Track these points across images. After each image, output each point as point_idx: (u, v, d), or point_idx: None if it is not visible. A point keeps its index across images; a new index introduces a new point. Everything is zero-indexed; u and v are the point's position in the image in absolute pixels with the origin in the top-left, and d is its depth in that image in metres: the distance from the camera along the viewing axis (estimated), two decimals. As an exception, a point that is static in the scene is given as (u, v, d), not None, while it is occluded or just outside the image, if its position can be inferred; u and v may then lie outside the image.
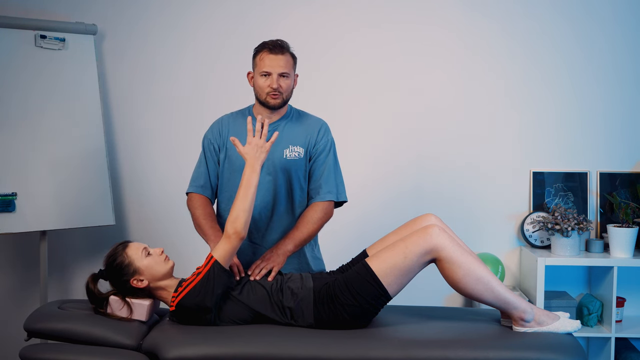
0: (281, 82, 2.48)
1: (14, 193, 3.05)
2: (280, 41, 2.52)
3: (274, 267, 2.41)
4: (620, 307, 3.32)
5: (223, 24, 3.52)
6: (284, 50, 2.49)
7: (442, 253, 2.18)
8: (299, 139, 2.58)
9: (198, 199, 2.60)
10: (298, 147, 2.57)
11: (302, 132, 2.59)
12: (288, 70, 2.49)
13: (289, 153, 2.55)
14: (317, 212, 2.55)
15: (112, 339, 2.18)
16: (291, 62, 2.51)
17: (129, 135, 3.54)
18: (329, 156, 2.60)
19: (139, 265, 2.28)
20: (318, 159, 2.58)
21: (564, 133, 3.53)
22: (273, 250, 2.47)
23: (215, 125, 2.65)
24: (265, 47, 2.50)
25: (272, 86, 2.47)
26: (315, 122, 2.63)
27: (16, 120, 3.11)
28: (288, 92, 2.53)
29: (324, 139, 2.60)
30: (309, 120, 2.64)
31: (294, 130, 2.58)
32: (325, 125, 2.64)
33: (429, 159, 3.54)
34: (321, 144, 2.59)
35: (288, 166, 2.55)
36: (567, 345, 2.14)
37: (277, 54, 2.47)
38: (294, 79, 2.55)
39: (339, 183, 2.61)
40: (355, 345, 2.13)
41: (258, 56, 2.51)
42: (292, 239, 2.50)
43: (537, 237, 3.44)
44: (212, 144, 2.62)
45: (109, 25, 3.50)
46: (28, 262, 3.50)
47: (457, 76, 3.53)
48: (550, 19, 3.50)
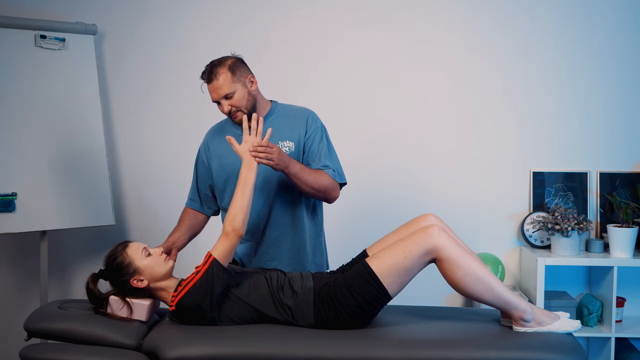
0: (230, 102, 2.47)
1: (14, 193, 3.05)
2: (212, 64, 2.49)
3: (268, 156, 2.34)
4: (620, 307, 3.32)
5: (223, 24, 3.52)
6: (216, 75, 2.45)
7: (442, 253, 2.18)
8: (288, 133, 2.57)
9: (184, 212, 2.72)
10: (288, 142, 2.56)
11: (289, 126, 2.58)
12: (228, 89, 2.45)
13: None
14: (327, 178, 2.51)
15: (112, 339, 2.18)
16: (229, 78, 2.45)
17: (129, 135, 3.54)
18: (322, 142, 2.59)
19: (138, 265, 2.28)
20: (312, 147, 2.57)
21: (564, 133, 3.53)
22: (281, 152, 2.40)
23: (205, 138, 2.70)
24: (202, 76, 2.50)
25: (224, 111, 2.49)
26: (301, 113, 2.62)
27: (16, 120, 3.11)
28: (244, 102, 2.49)
29: (313, 127, 2.59)
30: (294, 113, 2.63)
31: (281, 126, 2.58)
32: (312, 114, 2.62)
33: (429, 159, 3.54)
34: (311, 133, 2.58)
35: None
36: (567, 345, 2.13)
37: (212, 82, 2.46)
38: (243, 85, 2.49)
39: (336, 165, 2.60)
40: (355, 345, 2.13)
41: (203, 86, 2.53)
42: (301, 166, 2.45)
43: (537, 237, 3.44)
44: (201, 157, 2.67)
45: (109, 25, 3.50)
46: (28, 262, 3.50)
47: (457, 76, 3.53)
48: (550, 19, 3.50)
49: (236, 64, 2.50)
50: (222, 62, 2.48)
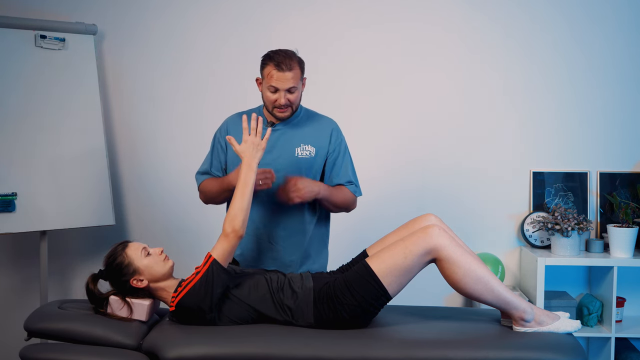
0: (289, 96, 2.48)
1: (14, 193, 3.05)
2: (287, 54, 2.46)
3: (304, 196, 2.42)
4: (620, 307, 3.32)
5: (223, 24, 3.52)
6: (292, 66, 2.43)
7: (442, 253, 2.18)
8: (311, 138, 2.59)
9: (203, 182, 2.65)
10: (309, 147, 2.58)
11: (313, 132, 2.61)
12: (295, 83, 2.46)
13: (300, 151, 2.57)
14: (350, 195, 2.61)
15: (112, 339, 2.18)
16: (299, 74, 2.47)
17: (129, 135, 3.54)
18: (345, 157, 2.64)
19: (138, 265, 2.28)
20: (336, 162, 2.62)
21: (564, 133, 3.53)
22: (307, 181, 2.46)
23: (224, 124, 2.67)
24: (272, 61, 2.44)
25: (279, 102, 2.47)
26: (327, 123, 2.65)
27: (16, 120, 3.11)
28: (297, 102, 2.52)
29: (337, 141, 2.63)
30: (320, 121, 2.65)
31: (305, 130, 2.60)
32: (337, 127, 2.66)
33: (429, 159, 3.54)
34: (336, 147, 2.62)
35: (299, 164, 2.56)
36: (567, 345, 2.14)
37: (285, 71, 2.43)
38: (301, 85, 2.53)
39: (357, 180, 2.67)
40: (355, 345, 2.13)
41: (266, 69, 2.46)
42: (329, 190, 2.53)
43: (537, 237, 3.44)
44: (220, 142, 2.64)
45: (109, 25, 3.50)
46: (28, 262, 3.50)
47: (457, 76, 3.53)
48: (550, 19, 3.50)
49: (303, 63, 2.51)
50: (295, 56, 2.48)
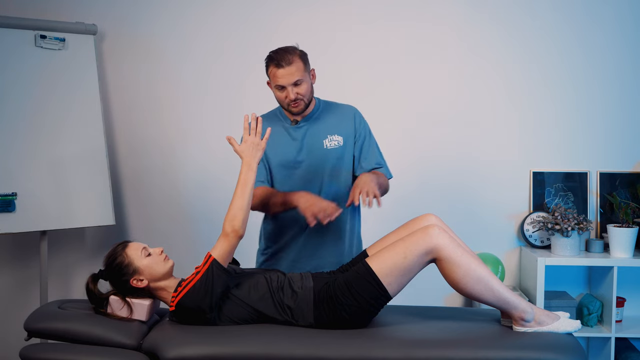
0: (297, 90, 2.49)
1: (14, 193, 3.05)
2: (286, 50, 2.48)
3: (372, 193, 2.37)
4: (620, 307, 3.32)
5: (223, 24, 3.52)
6: (291, 60, 2.45)
7: (442, 253, 2.18)
8: (336, 128, 2.62)
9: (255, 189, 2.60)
10: (336, 136, 2.61)
11: (337, 121, 2.63)
12: (300, 76, 2.47)
13: (328, 143, 2.60)
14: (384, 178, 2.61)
15: (112, 339, 2.18)
16: (302, 66, 2.48)
17: (129, 135, 3.54)
18: (371, 140, 2.67)
19: (138, 265, 2.28)
20: (363, 146, 2.63)
21: (564, 133, 3.53)
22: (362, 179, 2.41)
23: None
24: (272, 61, 2.47)
25: (290, 98, 2.49)
26: (349, 110, 2.68)
27: (16, 120, 3.11)
28: (308, 94, 2.53)
29: (362, 125, 2.66)
30: (341, 109, 2.68)
31: (328, 121, 2.62)
32: (358, 111, 2.69)
33: (429, 158, 3.54)
34: (361, 131, 2.64)
35: (330, 155, 2.58)
36: (567, 345, 2.13)
37: (285, 67, 2.45)
38: (310, 76, 2.55)
39: (384, 161, 2.68)
40: (355, 345, 2.13)
41: (269, 70, 2.50)
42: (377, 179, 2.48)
43: (537, 237, 3.44)
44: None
45: (109, 25, 3.50)
46: (28, 262, 3.50)
47: (457, 76, 3.53)
48: (550, 19, 3.50)
49: (305, 55, 2.53)
50: (294, 50, 2.50)
